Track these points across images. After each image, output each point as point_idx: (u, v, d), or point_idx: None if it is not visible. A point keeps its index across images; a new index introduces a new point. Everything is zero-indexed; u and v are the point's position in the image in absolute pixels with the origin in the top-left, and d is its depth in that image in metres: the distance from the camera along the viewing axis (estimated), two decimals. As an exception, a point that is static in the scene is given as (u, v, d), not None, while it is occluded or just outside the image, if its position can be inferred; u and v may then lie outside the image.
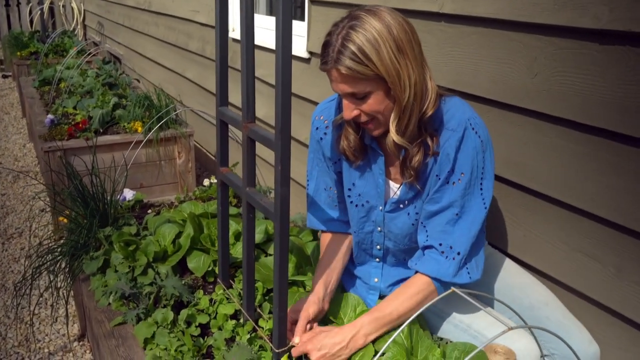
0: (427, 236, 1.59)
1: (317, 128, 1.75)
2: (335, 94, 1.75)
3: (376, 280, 1.80)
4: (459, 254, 1.55)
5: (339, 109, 1.68)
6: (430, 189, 1.57)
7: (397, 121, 1.47)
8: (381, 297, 1.80)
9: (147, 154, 3.77)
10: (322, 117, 1.74)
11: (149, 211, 2.53)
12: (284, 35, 1.26)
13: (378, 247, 1.77)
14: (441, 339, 1.67)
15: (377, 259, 1.81)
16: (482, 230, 1.58)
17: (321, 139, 1.74)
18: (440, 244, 1.56)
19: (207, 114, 3.45)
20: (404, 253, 1.74)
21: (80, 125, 3.71)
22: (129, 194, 2.59)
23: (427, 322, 1.70)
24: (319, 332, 1.56)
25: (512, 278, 1.79)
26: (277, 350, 1.52)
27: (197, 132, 4.11)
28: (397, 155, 1.59)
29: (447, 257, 1.56)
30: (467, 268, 1.57)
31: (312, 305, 1.64)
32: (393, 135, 1.49)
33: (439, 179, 1.54)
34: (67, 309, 2.18)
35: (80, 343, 2.67)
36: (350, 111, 1.50)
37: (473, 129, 1.50)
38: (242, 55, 1.49)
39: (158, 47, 5.43)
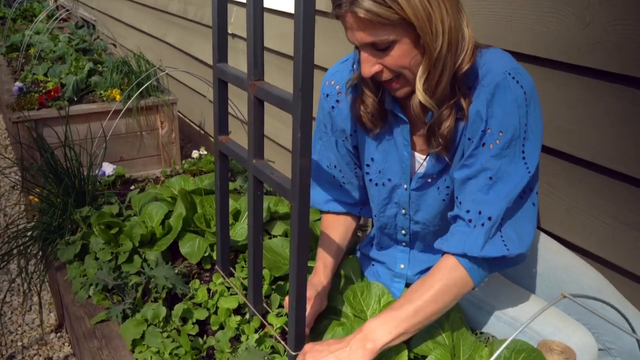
0: (459, 208, 1.32)
1: (327, 95, 1.48)
2: (348, 54, 1.48)
3: (402, 266, 1.56)
4: (489, 219, 1.25)
5: (354, 70, 1.41)
6: (462, 154, 1.31)
7: (427, 77, 1.20)
8: (407, 285, 1.56)
9: (126, 124, 3.46)
10: (332, 82, 1.47)
11: (132, 187, 2.25)
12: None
13: (403, 232, 1.52)
14: (482, 333, 1.44)
15: (403, 244, 1.56)
16: (529, 197, 1.30)
17: (332, 108, 1.47)
18: (468, 211, 1.28)
19: (206, 77, 3.16)
20: (435, 235, 1.49)
21: (52, 93, 3.38)
22: (108, 169, 2.30)
23: (464, 313, 1.46)
24: (319, 344, 1.27)
25: (556, 260, 1.56)
26: (293, 353, 1.28)
27: (180, 101, 3.81)
28: (423, 119, 1.33)
29: (474, 225, 1.27)
30: (501, 237, 1.27)
31: (319, 298, 1.41)
32: (420, 95, 1.22)
33: (472, 141, 1.27)
34: (40, 301, 1.91)
35: (58, 334, 2.41)
36: (369, 66, 1.23)
37: (513, 78, 1.22)
38: (247, -3, 1.21)
39: (135, 11, 5.07)
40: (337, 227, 1.58)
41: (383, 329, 1.22)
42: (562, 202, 1.64)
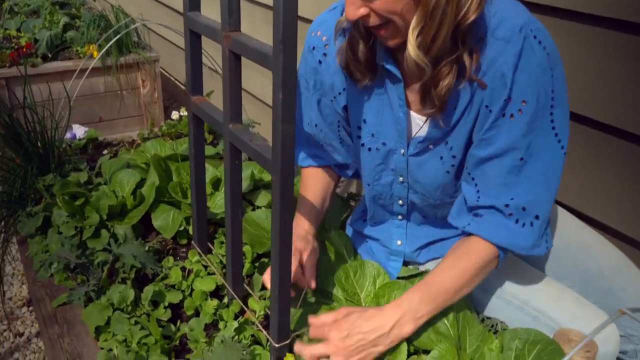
0: (479, 192, 1.16)
1: (312, 48, 1.29)
2: (337, 2, 1.28)
3: (399, 243, 1.39)
4: (537, 217, 1.13)
5: None
6: (481, 126, 1.13)
7: (421, 29, 1.01)
8: (405, 264, 1.40)
9: (105, 82, 3.25)
10: (319, 34, 1.28)
11: (105, 152, 2.07)
12: None
13: (400, 202, 1.35)
14: (489, 318, 1.28)
15: (400, 217, 1.39)
16: None
17: (320, 62, 1.28)
18: (507, 205, 1.13)
19: (176, 30, 2.95)
20: (435, 209, 1.33)
21: (25, 49, 3.16)
22: (79, 131, 2.12)
23: (470, 296, 1.30)
24: (347, 312, 1.14)
25: (572, 235, 1.39)
26: (277, 345, 1.12)
27: (164, 58, 3.59)
28: (419, 76, 1.14)
29: (520, 222, 1.14)
30: (546, 235, 1.17)
31: (311, 247, 1.29)
32: (412, 50, 1.02)
33: (491, 111, 1.09)
34: (1, 275, 1.74)
35: (30, 308, 2.26)
36: (355, 8, 1.03)
37: (535, 37, 1.04)
38: None
39: (116, -39, 4.79)
40: (320, 179, 1.44)
41: (425, 307, 1.13)
42: (581, 171, 1.48)
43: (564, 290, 1.26)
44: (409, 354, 1.09)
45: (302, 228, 1.32)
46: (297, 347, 1.13)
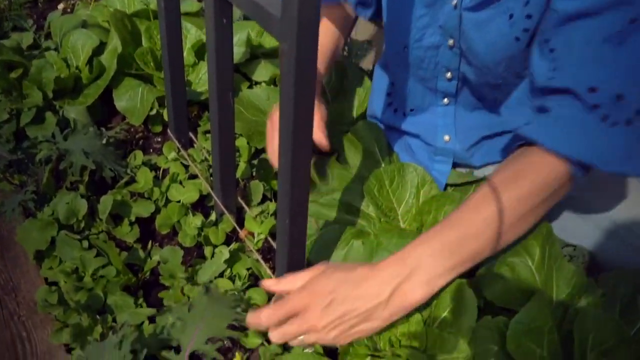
0: (555, 68, 0.75)
1: None
2: None
3: (447, 138, 1.01)
4: (639, 112, 0.73)
5: None
6: None
7: None
8: (455, 165, 1.04)
9: None
10: None
11: (60, 6, 1.63)
12: None
13: (448, 75, 0.95)
14: (571, 245, 0.94)
15: (446, 99, 1.00)
16: None
17: None
18: (593, 89, 0.72)
19: None
20: (495, 90, 0.94)
21: None
22: (27, -22, 1.66)
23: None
24: (328, 270, 0.75)
25: None
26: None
27: None
28: None
29: (609, 119, 0.72)
30: None
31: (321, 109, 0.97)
32: None
33: None
34: None
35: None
36: None
37: None
38: None
39: None
40: (331, 20, 1.07)
41: (440, 265, 0.74)
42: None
43: None
44: (479, 310, 0.75)
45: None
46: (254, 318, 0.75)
